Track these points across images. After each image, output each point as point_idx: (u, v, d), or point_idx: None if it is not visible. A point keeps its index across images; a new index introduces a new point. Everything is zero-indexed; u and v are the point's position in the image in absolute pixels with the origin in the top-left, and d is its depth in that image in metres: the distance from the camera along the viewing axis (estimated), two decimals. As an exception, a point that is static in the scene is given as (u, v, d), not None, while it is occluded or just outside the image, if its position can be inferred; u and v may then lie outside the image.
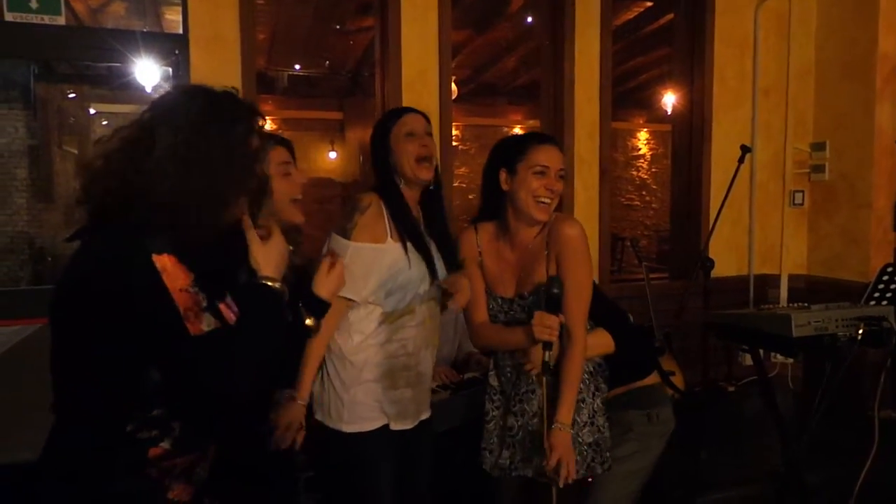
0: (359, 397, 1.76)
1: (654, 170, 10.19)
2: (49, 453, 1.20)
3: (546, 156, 1.78)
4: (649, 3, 5.42)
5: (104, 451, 1.15)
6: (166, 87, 3.17)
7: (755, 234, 4.12)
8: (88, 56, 3.75)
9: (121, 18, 5.59)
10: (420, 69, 3.38)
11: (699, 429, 3.01)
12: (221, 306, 1.21)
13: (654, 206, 10.11)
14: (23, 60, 6.76)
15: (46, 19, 2.87)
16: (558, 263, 1.76)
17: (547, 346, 1.64)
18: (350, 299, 1.73)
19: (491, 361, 1.95)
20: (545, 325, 1.63)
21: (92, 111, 8.04)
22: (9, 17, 2.82)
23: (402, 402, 1.81)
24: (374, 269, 1.73)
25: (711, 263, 3.26)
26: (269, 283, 1.20)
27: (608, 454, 1.81)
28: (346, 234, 1.73)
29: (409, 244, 1.77)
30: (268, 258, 1.21)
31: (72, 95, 7.46)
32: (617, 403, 1.89)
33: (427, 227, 1.87)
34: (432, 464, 1.97)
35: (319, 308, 1.46)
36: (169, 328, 1.08)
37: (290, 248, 1.28)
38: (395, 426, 1.80)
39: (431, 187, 1.86)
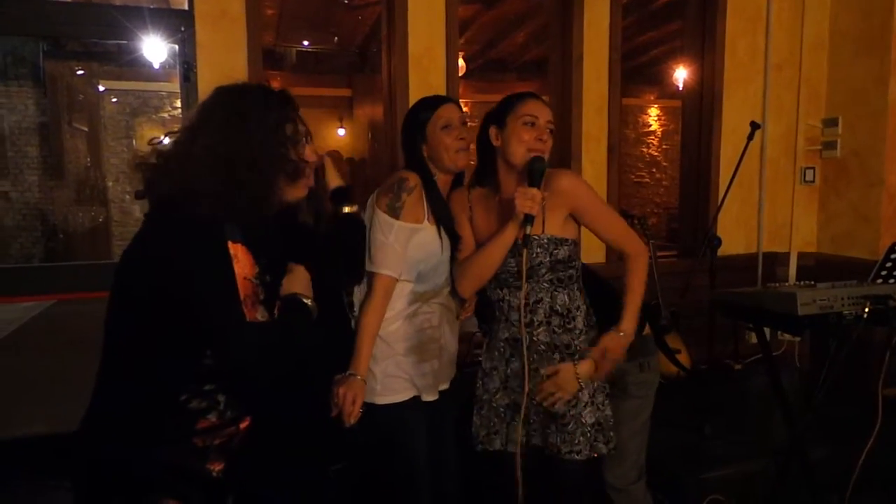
0: (390, 370, 1.81)
1: (665, 146, 10.08)
2: (96, 417, 1.26)
3: (534, 107, 1.79)
4: (661, -23, 5.32)
5: (156, 416, 1.24)
6: (173, 63, 3.18)
7: (765, 212, 4.09)
8: (94, 33, 3.74)
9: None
10: (427, 45, 3.35)
11: (704, 406, 3.02)
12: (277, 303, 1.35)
13: (664, 183, 10.02)
14: (32, 38, 6.76)
15: (51, -4, 2.87)
16: (580, 214, 1.81)
17: (528, 219, 1.65)
18: (390, 276, 1.76)
19: (484, 343, 1.97)
20: (528, 196, 1.64)
21: (101, 88, 8.06)
22: (14, -7, 2.82)
23: (429, 375, 1.86)
24: (411, 247, 1.78)
25: (718, 241, 3.24)
26: (303, 299, 1.36)
27: (612, 433, 1.84)
28: (395, 213, 1.75)
29: (442, 228, 1.82)
30: (296, 282, 1.37)
31: (80, 72, 7.47)
32: None
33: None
34: (454, 433, 2.02)
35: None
36: (228, 308, 1.19)
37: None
38: (425, 398, 1.86)
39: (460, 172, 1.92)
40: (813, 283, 2.22)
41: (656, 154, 10.20)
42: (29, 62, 7.24)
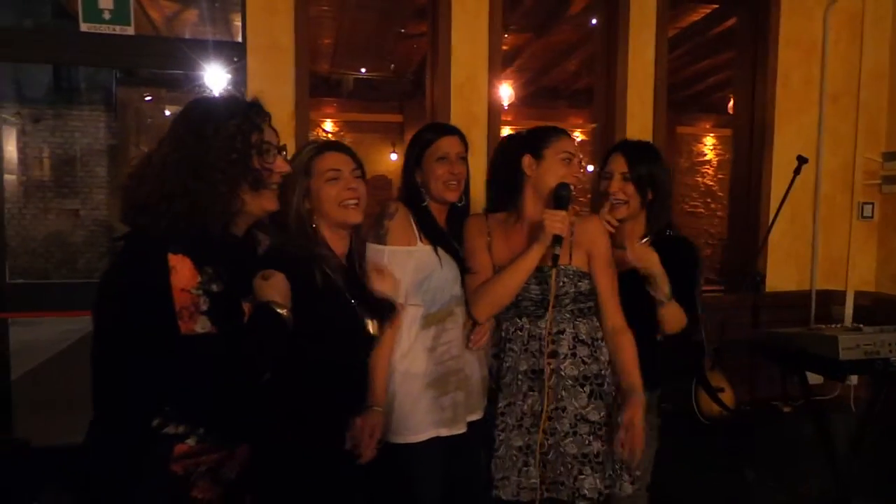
0: (406, 408, 1.75)
1: (720, 176, 9.80)
2: (85, 446, 1.27)
3: (571, 145, 1.84)
4: (716, 6, 5.24)
5: (131, 445, 1.21)
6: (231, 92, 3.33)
7: (819, 248, 3.92)
8: (154, 63, 3.97)
9: (192, 25, 5.86)
10: (469, 74, 3.40)
11: (747, 449, 2.90)
12: (245, 305, 1.29)
13: (719, 213, 9.71)
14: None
15: (118, 29, 3.06)
16: (591, 259, 1.80)
17: (557, 240, 1.68)
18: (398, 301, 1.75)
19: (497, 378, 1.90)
20: (557, 218, 1.67)
21: (167, 112, 8.47)
22: (84, 27, 3.02)
23: (453, 407, 1.80)
24: (408, 270, 1.77)
25: (760, 277, 3.13)
26: (276, 308, 1.28)
27: (638, 472, 1.78)
28: (380, 240, 1.77)
29: (439, 247, 1.80)
30: (271, 289, 1.31)
31: (148, 98, 7.88)
32: None
33: (455, 238, 1.88)
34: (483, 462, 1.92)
35: (381, 308, 1.61)
36: (162, 321, 1.15)
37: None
38: (445, 433, 1.78)
39: (460, 204, 1.90)
40: (860, 326, 2.12)
41: (711, 184, 9.93)
42: (102, 88, 7.71)
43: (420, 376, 1.77)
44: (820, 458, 2.62)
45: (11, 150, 8.06)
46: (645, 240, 1.93)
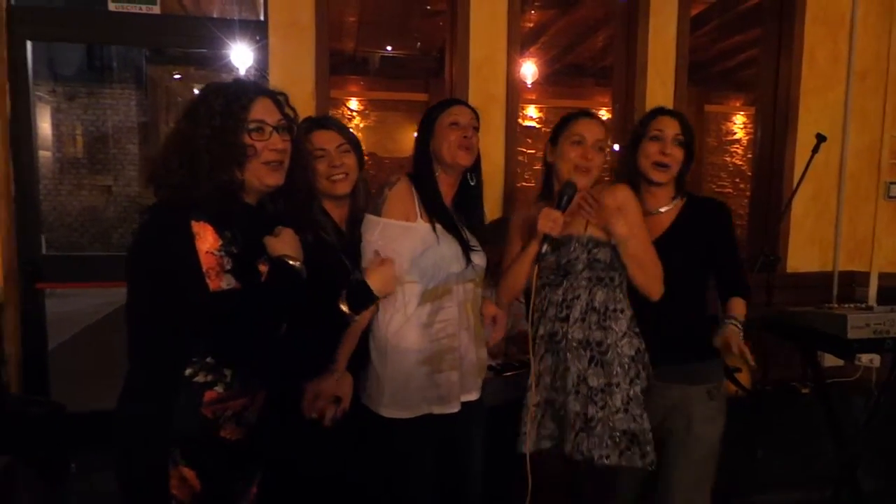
0: (399, 382, 1.77)
1: (749, 156, 9.60)
2: (122, 396, 1.42)
3: (584, 126, 1.87)
4: (746, -20, 5.12)
5: (166, 392, 1.35)
6: (254, 70, 3.40)
7: (842, 228, 3.87)
8: (180, 42, 4.05)
9: (220, 3, 5.92)
10: (488, 53, 3.40)
11: (761, 428, 2.91)
12: (260, 265, 1.42)
13: (747, 193, 9.52)
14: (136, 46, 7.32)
15: (144, 9, 3.14)
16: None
17: (546, 239, 1.76)
18: None
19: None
20: (550, 217, 1.75)
21: (196, 91, 8.62)
22: (112, 6, 3.11)
23: (446, 385, 1.81)
24: (404, 245, 1.78)
25: (774, 257, 3.10)
26: (289, 261, 1.41)
27: (649, 448, 1.80)
28: (377, 211, 1.81)
29: (437, 224, 1.81)
30: (283, 244, 1.43)
31: (177, 76, 8.02)
32: (672, 378, 1.90)
33: (458, 215, 1.91)
34: (481, 446, 1.97)
35: (363, 297, 1.69)
36: (193, 281, 1.29)
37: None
38: (437, 411, 1.81)
39: (472, 182, 1.92)
40: (872, 305, 2.12)
41: (741, 163, 9.74)
42: (133, 67, 7.88)
43: (414, 352, 1.78)
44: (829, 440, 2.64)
45: (46, 127, 8.30)
46: (675, 202, 1.97)
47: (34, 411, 2.71)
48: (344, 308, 1.67)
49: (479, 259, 1.88)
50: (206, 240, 1.30)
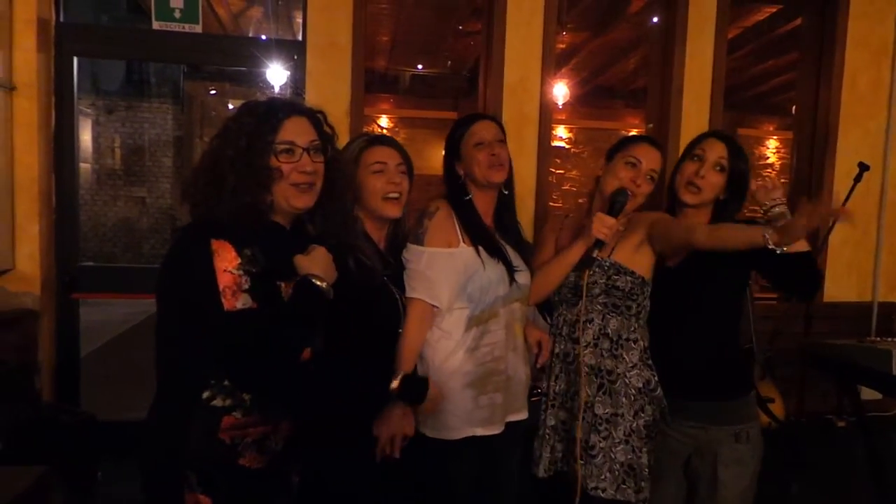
0: (446, 406, 1.74)
1: (782, 180, 9.46)
2: (148, 413, 1.40)
3: (643, 151, 1.82)
4: (781, 6, 5.07)
5: (182, 414, 1.32)
6: (289, 88, 3.45)
7: (882, 258, 3.77)
8: (220, 60, 4.13)
9: (257, 22, 6.06)
10: (522, 74, 3.41)
11: (795, 462, 2.82)
12: (283, 285, 1.37)
13: (781, 219, 9.40)
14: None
15: (187, 27, 3.21)
16: (653, 229, 1.78)
17: (598, 244, 1.72)
18: (434, 306, 1.75)
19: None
20: (604, 223, 1.71)
21: (231, 106, 8.79)
22: (156, 25, 3.19)
23: (491, 407, 1.79)
24: (450, 273, 1.75)
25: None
26: (315, 280, 1.35)
27: (644, 484, 1.74)
28: (419, 241, 1.77)
29: (480, 247, 1.78)
30: (312, 263, 1.38)
31: (213, 92, 8.18)
32: (694, 416, 1.80)
33: (500, 233, 1.88)
34: (517, 465, 1.94)
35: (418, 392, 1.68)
36: (208, 299, 1.25)
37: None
38: (481, 433, 1.78)
39: (506, 192, 1.89)
40: (918, 340, 2.05)
41: (773, 188, 9.60)
42: (171, 82, 8.07)
43: (459, 375, 1.76)
44: (869, 477, 2.54)
45: (86, 139, 8.54)
46: None
47: (65, 419, 2.74)
48: (394, 386, 1.65)
49: (523, 278, 1.86)
50: (225, 258, 1.27)
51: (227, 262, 1.27)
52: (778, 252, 1.47)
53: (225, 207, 1.31)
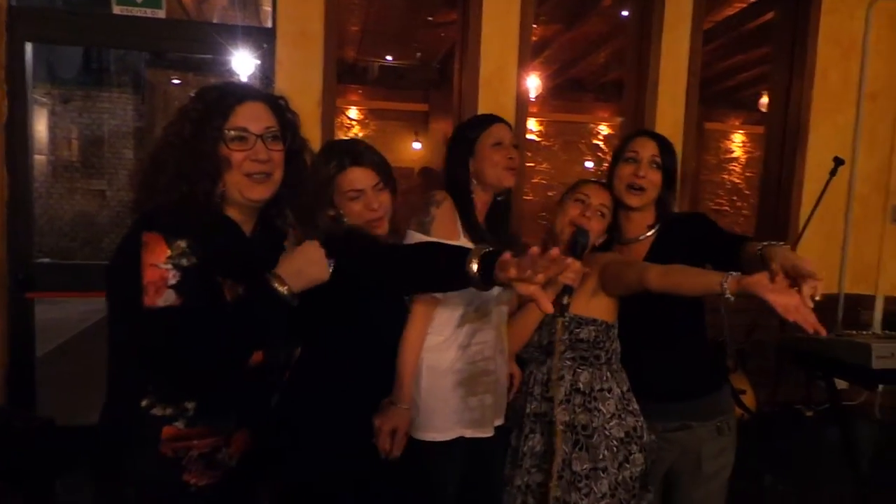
0: (435, 406, 1.73)
1: (747, 174, 9.62)
2: (98, 422, 1.29)
3: (590, 189, 1.81)
4: (753, 0, 5.12)
5: (121, 424, 1.22)
6: (257, 77, 3.33)
7: (849, 251, 3.83)
8: (184, 47, 3.98)
9: (222, 10, 5.87)
10: (498, 66, 3.35)
11: (767, 453, 2.85)
12: (225, 284, 1.25)
13: (744, 212, 9.55)
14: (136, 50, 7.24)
15: (149, 12, 3.07)
16: (604, 273, 1.75)
17: (567, 290, 1.59)
18: (434, 296, 1.72)
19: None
20: (570, 268, 1.60)
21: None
22: (116, 10, 3.04)
23: (480, 409, 1.77)
24: None
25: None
26: (275, 283, 1.23)
27: None
28: (424, 229, 1.73)
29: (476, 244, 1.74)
30: (288, 262, 1.27)
31: (176, 82, 7.94)
32: (676, 418, 1.80)
33: (493, 233, 1.86)
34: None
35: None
36: (132, 296, 1.15)
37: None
38: (470, 434, 1.77)
39: (499, 198, 1.88)
40: (893, 334, 2.07)
41: (738, 182, 9.76)
42: (131, 70, 7.80)
43: (449, 373, 1.74)
44: (839, 464, 2.58)
45: (41, 130, 8.20)
46: (653, 230, 1.86)
47: (18, 425, 2.60)
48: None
49: None
50: (153, 251, 1.15)
51: (155, 255, 1.15)
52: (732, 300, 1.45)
53: (163, 197, 1.20)
